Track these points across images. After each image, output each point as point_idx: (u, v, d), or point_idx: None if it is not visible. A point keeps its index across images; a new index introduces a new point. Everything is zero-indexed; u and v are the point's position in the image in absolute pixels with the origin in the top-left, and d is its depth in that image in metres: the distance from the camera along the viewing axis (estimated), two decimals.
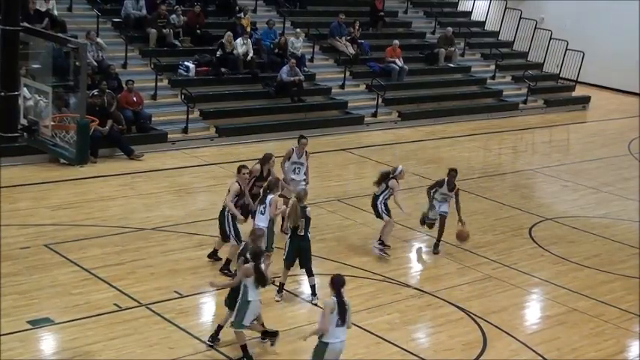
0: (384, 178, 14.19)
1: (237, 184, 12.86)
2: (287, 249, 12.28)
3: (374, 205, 14.30)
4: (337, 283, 9.51)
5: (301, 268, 12.42)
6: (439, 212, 14.61)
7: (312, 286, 12.43)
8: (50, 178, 17.02)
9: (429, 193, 14.70)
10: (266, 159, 14.01)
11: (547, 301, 13.45)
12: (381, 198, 14.14)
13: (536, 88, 28.25)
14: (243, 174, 12.99)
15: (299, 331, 11.50)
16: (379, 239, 14.27)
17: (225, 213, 12.83)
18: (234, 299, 10.50)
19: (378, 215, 14.27)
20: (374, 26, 28.08)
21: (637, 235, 16.57)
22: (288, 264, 12.31)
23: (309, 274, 12.37)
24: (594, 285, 13.98)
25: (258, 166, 13.92)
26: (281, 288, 12.39)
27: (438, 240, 14.69)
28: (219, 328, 10.81)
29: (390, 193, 14.08)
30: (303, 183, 14.57)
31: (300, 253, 12.27)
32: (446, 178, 14.58)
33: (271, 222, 12.65)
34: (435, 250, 14.64)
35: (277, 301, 12.21)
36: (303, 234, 12.22)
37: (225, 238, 12.95)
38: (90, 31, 20.78)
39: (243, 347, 10.50)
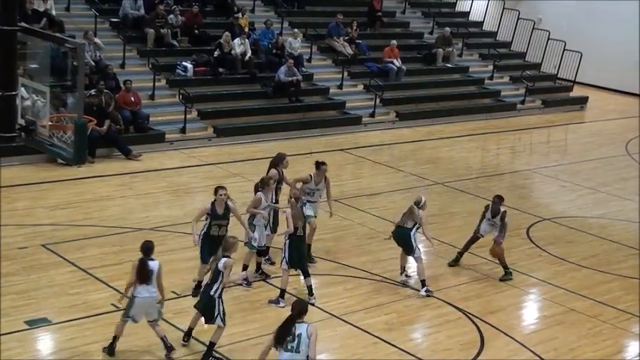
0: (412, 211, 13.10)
1: (208, 206, 11.90)
2: (287, 253, 12.10)
3: (405, 240, 13.01)
4: (293, 309, 9.08)
5: (297, 268, 12.35)
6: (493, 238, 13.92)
7: (309, 287, 12.41)
8: (48, 178, 17.02)
9: (480, 222, 14.05)
10: (279, 159, 13.55)
11: (545, 301, 13.46)
12: (413, 230, 12.95)
13: (534, 89, 28.28)
14: (220, 195, 11.81)
15: None
16: (422, 283, 12.97)
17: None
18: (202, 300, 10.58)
19: (410, 251, 13.02)
20: (372, 26, 28.09)
21: (635, 236, 16.58)
22: (292, 267, 12.23)
23: (307, 274, 12.35)
24: (592, 285, 13.98)
25: (274, 170, 13.37)
26: (283, 294, 12.22)
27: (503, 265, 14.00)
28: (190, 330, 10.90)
29: (420, 224, 13.07)
30: (312, 211, 13.55)
31: (300, 253, 12.23)
32: (490, 204, 14.02)
33: (252, 217, 12.61)
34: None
35: (282, 307, 12.02)
36: (302, 234, 12.21)
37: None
38: (88, 31, 20.79)
39: (115, 336, 10.49)
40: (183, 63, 22.15)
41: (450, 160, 21.51)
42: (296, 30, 24.89)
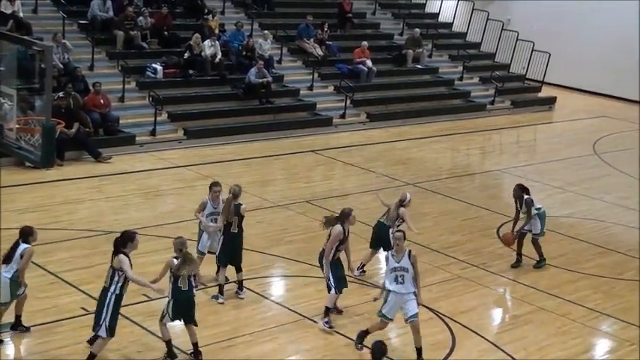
0: (397, 207, 13.25)
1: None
2: (220, 248, 12.13)
3: (384, 235, 13.04)
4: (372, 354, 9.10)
5: (231, 264, 12.29)
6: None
7: (240, 282, 12.42)
8: (16, 181, 16.86)
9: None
10: (345, 216, 11.78)
11: (514, 300, 13.56)
12: (393, 228, 12.89)
13: (504, 89, 28.49)
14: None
15: (269, 333, 11.51)
16: (360, 266, 13.32)
17: None
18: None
19: (388, 246, 12.45)
20: (342, 28, 28.14)
21: (601, 235, 16.80)
22: (225, 264, 12.22)
23: (239, 270, 12.35)
24: (560, 284, 14.11)
25: (339, 227, 11.66)
26: (222, 290, 12.24)
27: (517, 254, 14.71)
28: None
29: (401, 222, 13.14)
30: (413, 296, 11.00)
31: (233, 250, 12.21)
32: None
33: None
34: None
35: (221, 303, 12.12)
36: (236, 231, 12.15)
37: None
38: (57, 33, 20.63)
39: None
40: (153, 65, 22.06)
41: (420, 160, 21.60)
42: (266, 31, 24.88)
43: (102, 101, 19.64)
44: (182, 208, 16.10)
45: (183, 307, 10.41)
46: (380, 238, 13.38)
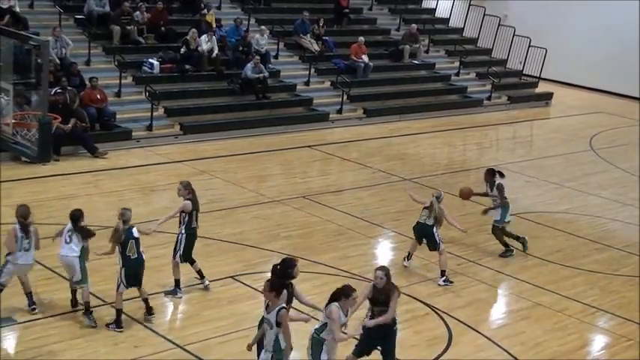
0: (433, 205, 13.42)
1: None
2: (183, 246, 12.06)
3: (429, 236, 13.41)
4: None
5: (186, 261, 12.23)
6: None
7: (199, 271, 12.40)
8: (12, 176, 16.81)
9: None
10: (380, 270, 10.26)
11: (511, 296, 13.56)
12: (435, 227, 13.32)
13: (500, 85, 28.49)
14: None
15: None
16: (442, 273, 13.43)
17: None
18: None
19: (435, 246, 13.41)
20: (339, 23, 28.10)
21: (598, 231, 16.80)
22: (185, 260, 12.18)
23: (193, 262, 12.33)
24: (558, 280, 14.12)
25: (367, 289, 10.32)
26: (178, 284, 12.20)
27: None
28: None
29: (443, 217, 13.46)
30: None
31: (193, 246, 12.25)
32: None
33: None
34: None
35: (179, 297, 12.13)
36: (195, 226, 12.19)
37: None
38: (55, 27, 20.63)
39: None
40: (150, 60, 22.02)
41: (417, 156, 21.60)
42: (263, 27, 24.83)
43: (98, 96, 19.60)
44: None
45: (132, 273, 11.04)
46: (424, 237, 13.55)
